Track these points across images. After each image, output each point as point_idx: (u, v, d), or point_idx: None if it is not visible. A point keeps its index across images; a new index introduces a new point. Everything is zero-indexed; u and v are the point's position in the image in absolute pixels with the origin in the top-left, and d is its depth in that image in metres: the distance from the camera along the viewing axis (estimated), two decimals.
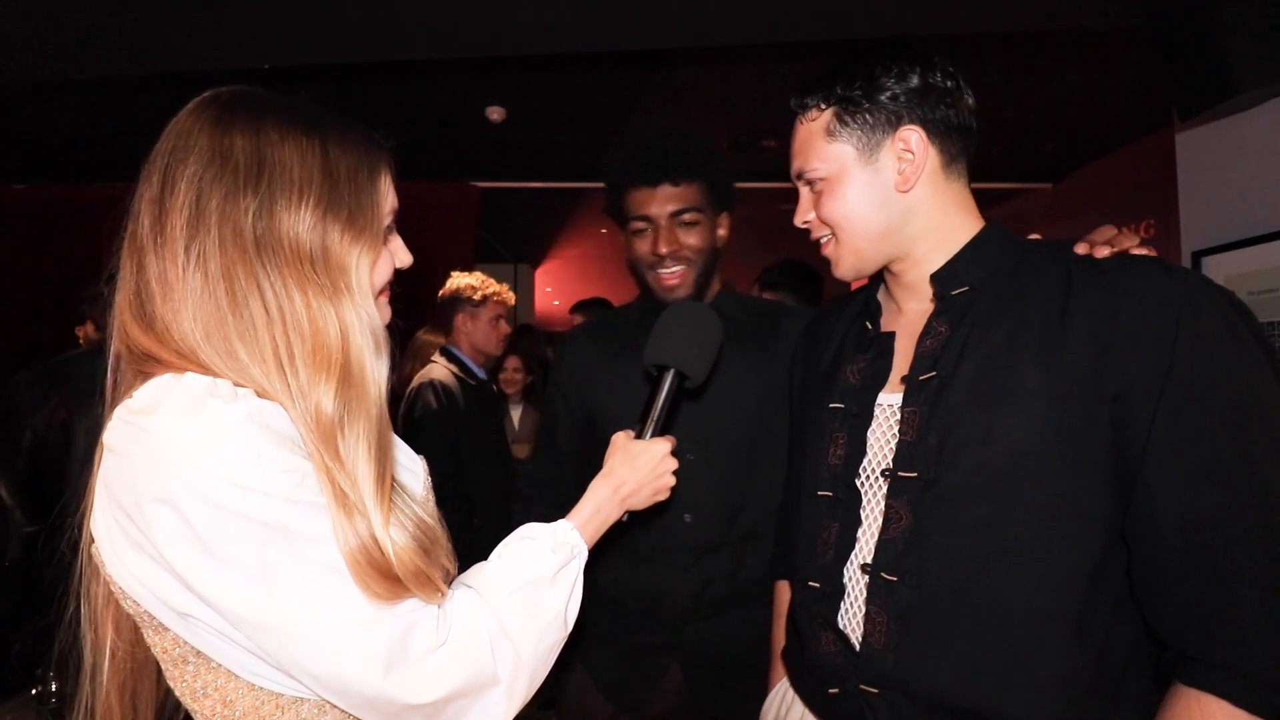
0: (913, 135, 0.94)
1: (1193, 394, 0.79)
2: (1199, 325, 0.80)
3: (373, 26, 2.30)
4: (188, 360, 0.71)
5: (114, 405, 0.74)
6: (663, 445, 1.04)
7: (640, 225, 1.44)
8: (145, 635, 0.76)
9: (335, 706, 0.74)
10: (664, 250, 1.41)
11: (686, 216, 1.42)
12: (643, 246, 1.45)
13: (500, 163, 4.27)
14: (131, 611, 0.74)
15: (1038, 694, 0.84)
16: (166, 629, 0.72)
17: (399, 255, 0.86)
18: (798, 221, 1.05)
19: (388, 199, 0.81)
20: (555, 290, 9.09)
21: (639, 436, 1.05)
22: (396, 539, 0.73)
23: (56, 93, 3.10)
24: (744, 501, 1.45)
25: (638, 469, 1.02)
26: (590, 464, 1.56)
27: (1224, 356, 0.79)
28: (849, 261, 1.01)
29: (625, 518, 1.02)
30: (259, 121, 0.74)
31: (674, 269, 1.43)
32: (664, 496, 1.05)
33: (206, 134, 0.73)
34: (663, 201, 1.41)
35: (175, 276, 0.71)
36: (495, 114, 3.66)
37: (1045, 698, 0.84)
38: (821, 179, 0.99)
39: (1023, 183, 4.94)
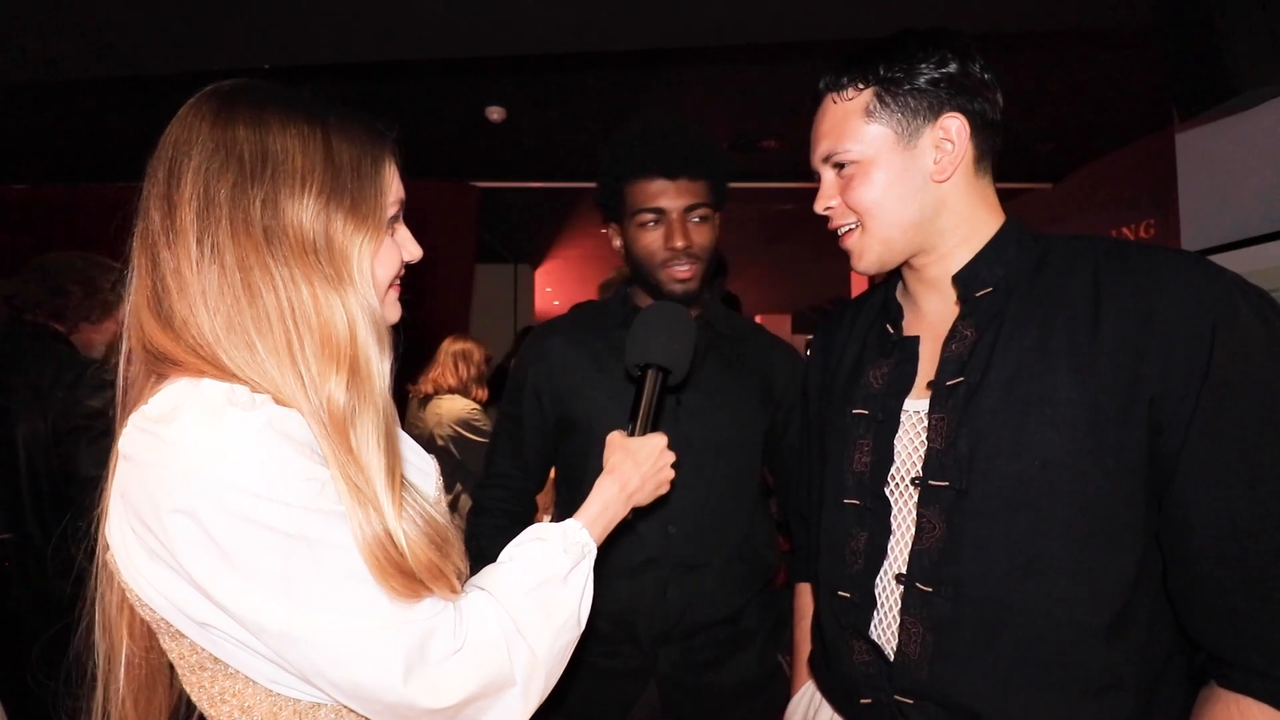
0: (954, 123, 0.91)
1: (1229, 399, 0.76)
2: (1237, 328, 0.77)
3: (373, 26, 2.30)
4: (203, 359, 0.70)
5: (127, 409, 0.73)
6: (659, 439, 1.05)
7: (649, 218, 1.39)
8: (161, 641, 0.75)
9: (353, 712, 0.74)
10: (680, 244, 1.37)
11: (700, 212, 1.39)
12: (653, 240, 1.39)
13: (500, 163, 4.27)
14: (148, 618, 0.74)
15: (1076, 705, 0.82)
16: (183, 636, 0.72)
17: (407, 248, 0.84)
18: (819, 207, 1.00)
19: (392, 188, 0.80)
20: (555, 290, 9.09)
21: (631, 435, 1.05)
22: (408, 531, 0.73)
23: (56, 93, 3.10)
24: (732, 515, 1.41)
25: (641, 463, 1.02)
26: (565, 472, 1.51)
27: (1262, 361, 0.77)
28: (875, 252, 0.96)
29: (630, 515, 1.02)
30: (260, 112, 0.74)
31: (687, 264, 1.39)
32: (665, 490, 1.06)
33: (208, 126, 0.73)
34: (678, 195, 1.37)
35: (190, 270, 0.71)
36: (495, 114, 3.66)
37: (1084, 708, 0.82)
38: (854, 162, 0.94)
39: (1023, 183, 4.93)
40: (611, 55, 2.81)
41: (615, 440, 1.05)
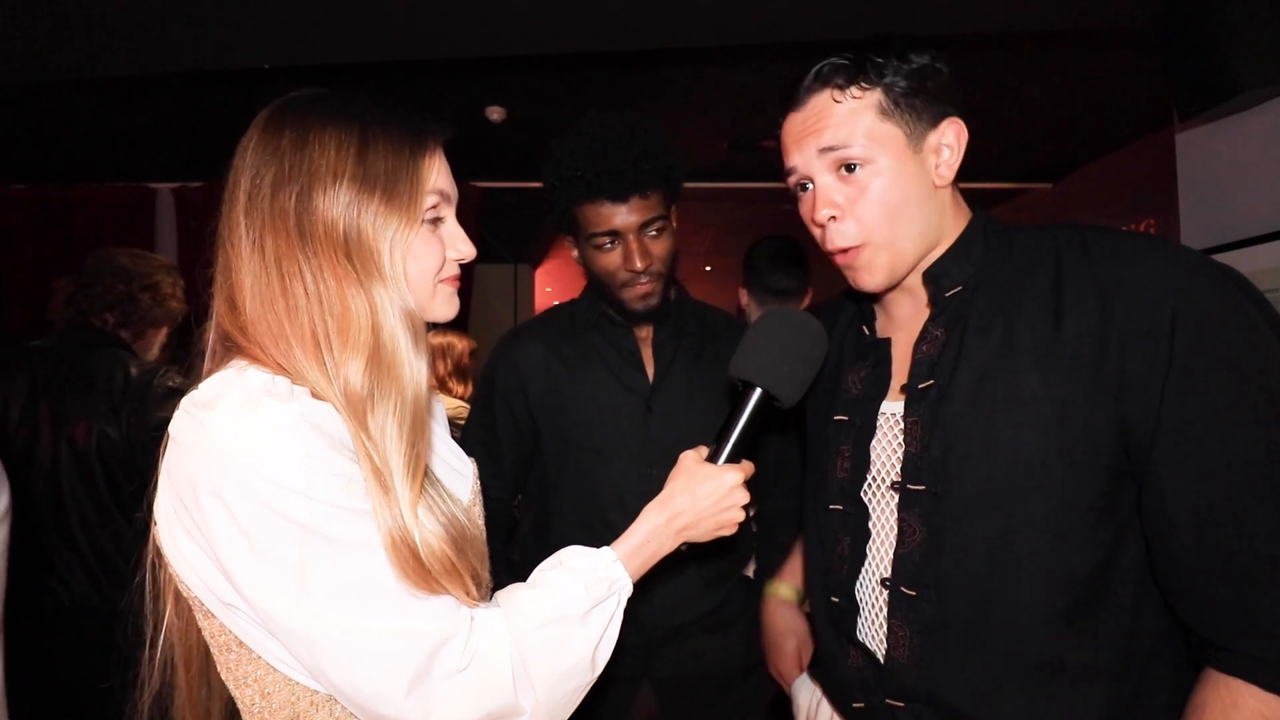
0: (954, 128, 0.88)
1: (1197, 384, 0.75)
2: (1196, 311, 0.76)
3: (373, 26, 2.30)
4: (254, 343, 0.75)
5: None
6: (733, 475, 0.92)
7: (604, 240, 1.34)
8: (197, 619, 0.78)
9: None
10: (640, 266, 1.33)
11: (655, 226, 1.34)
12: (610, 261, 1.36)
13: (500, 163, 4.26)
14: (186, 595, 0.77)
15: (1060, 696, 0.82)
16: (213, 616, 0.75)
17: (456, 244, 0.84)
18: (821, 215, 0.90)
19: (430, 179, 0.80)
20: (555, 290, 9.08)
21: (711, 458, 0.93)
22: (426, 525, 0.73)
23: (56, 93, 3.10)
24: None
25: (699, 499, 0.90)
26: (538, 479, 1.48)
27: (1227, 341, 0.75)
28: (885, 265, 0.90)
29: (684, 548, 0.93)
30: (305, 115, 0.78)
31: (647, 282, 1.36)
32: (729, 531, 0.94)
33: (260, 130, 0.78)
34: (630, 214, 1.32)
35: (240, 260, 0.76)
36: (495, 114, 3.65)
37: (1068, 699, 0.82)
38: (868, 162, 0.86)
39: (1023, 183, 4.92)
40: (611, 55, 2.81)
41: (684, 462, 0.93)
